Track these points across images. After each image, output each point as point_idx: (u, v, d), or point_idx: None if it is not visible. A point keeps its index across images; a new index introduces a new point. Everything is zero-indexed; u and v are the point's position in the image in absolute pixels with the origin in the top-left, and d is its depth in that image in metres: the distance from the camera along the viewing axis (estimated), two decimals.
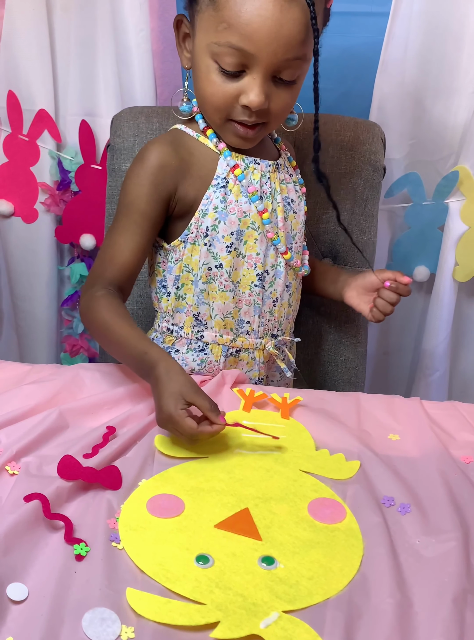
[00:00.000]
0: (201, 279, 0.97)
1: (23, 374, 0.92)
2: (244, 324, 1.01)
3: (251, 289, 0.99)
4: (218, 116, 0.91)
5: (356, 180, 1.18)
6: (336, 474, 0.76)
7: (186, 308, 1.00)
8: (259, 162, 0.97)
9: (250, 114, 0.89)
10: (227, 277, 0.96)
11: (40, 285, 1.52)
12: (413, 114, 1.33)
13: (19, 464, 0.73)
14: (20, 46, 1.34)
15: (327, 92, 0.94)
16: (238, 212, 0.95)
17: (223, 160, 0.95)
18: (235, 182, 0.95)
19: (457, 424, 0.88)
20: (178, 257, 0.97)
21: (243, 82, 0.87)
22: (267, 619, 0.57)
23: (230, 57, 0.85)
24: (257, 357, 1.03)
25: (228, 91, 0.87)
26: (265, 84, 0.86)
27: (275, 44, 0.83)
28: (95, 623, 0.56)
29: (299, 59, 0.86)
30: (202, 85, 0.90)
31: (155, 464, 0.76)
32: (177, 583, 0.60)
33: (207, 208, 0.94)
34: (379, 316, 1.04)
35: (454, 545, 0.66)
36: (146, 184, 0.93)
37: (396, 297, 1.02)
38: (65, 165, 1.42)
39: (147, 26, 1.29)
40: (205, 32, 0.86)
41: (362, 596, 0.61)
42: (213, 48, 0.85)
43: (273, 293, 1.01)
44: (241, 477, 0.74)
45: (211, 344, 1.00)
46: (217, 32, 0.84)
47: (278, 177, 0.99)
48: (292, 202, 1.01)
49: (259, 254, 0.97)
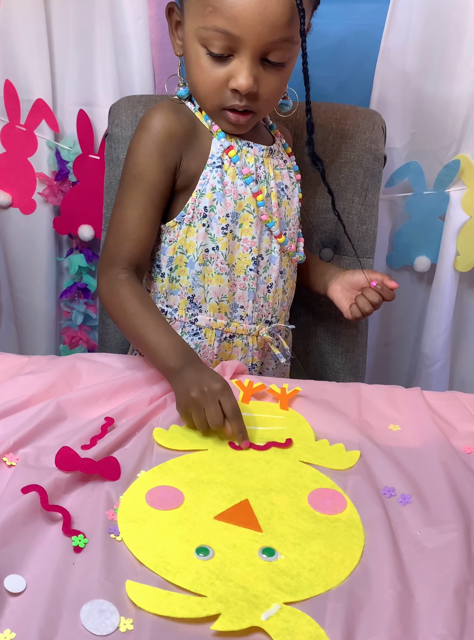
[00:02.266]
0: (197, 260, 0.96)
1: (21, 366, 0.91)
2: (238, 308, 1.00)
3: (246, 272, 0.98)
4: (210, 103, 0.91)
5: (356, 169, 1.17)
6: (336, 464, 0.76)
7: (180, 290, 0.99)
8: (252, 145, 0.97)
9: (240, 98, 0.89)
10: (223, 259, 0.96)
11: (39, 277, 1.51)
12: (414, 102, 1.32)
13: (16, 456, 0.73)
14: (17, 35, 1.32)
15: (327, 81, 0.94)
16: (234, 194, 0.94)
17: (217, 141, 0.95)
18: (229, 163, 0.95)
19: (458, 415, 0.88)
20: (173, 238, 0.97)
21: (231, 66, 0.87)
22: (268, 611, 0.57)
23: (217, 40, 0.85)
24: (251, 343, 1.02)
25: (218, 76, 0.88)
26: (254, 67, 0.86)
27: (260, 26, 0.83)
28: (93, 615, 0.55)
29: (286, 40, 0.86)
30: (192, 72, 0.90)
31: (154, 456, 0.75)
32: (177, 575, 0.60)
33: (205, 188, 0.94)
34: (357, 314, 1.03)
35: (456, 536, 0.66)
36: (155, 155, 0.92)
37: (379, 298, 1.01)
38: (63, 156, 1.41)
39: (145, 14, 1.28)
40: (192, 17, 0.87)
41: (363, 587, 0.60)
42: (201, 33, 0.86)
43: (267, 278, 1.00)
44: (241, 469, 0.74)
45: (205, 328, 1.00)
46: (203, 16, 0.85)
47: (271, 163, 0.99)
48: (286, 188, 1.01)
49: (254, 237, 0.97)
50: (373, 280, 1.02)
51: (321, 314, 1.23)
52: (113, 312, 0.92)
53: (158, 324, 0.88)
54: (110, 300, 0.91)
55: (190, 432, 0.79)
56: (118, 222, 0.94)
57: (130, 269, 0.92)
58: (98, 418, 0.80)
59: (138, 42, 1.29)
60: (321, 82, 0.95)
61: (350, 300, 1.06)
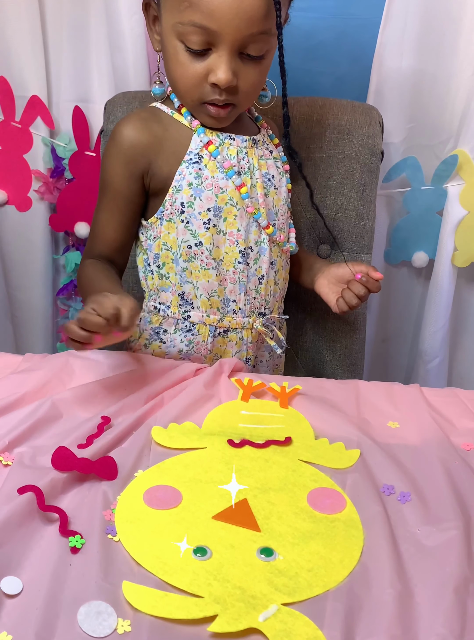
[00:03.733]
0: (181, 257, 0.97)
1: (15, 365, 0.91)
2: (230, 302, 1.00)
3: (235, 266, 0.98)
4: (190, 98, 0.92)
5: (354, 164, 1.17)
6: (335, 463, 0.75)
7: (170, 287, 1.00)
8: (234, 137, 0.96)
9: (220, 92, 0.89)
10: (208, 254, 0.96)
11: (35, 275, 1.50)
12: (411, 97, 1.31)
13: (12, 455, 0.72)
14: (11, 31, 1.32)
15: (324, 76, 0.93)
16: (215, 187, 0.94)
17: (197, 137, 0.95)
18: (210, 158, 0.94)
19: (457, 411, 0.87)
20: (156, 235, 0.98)
21: (210, 61, 0.87)
22: (266, 612, 0.56)
23: (195, 35, 0.85)
24: (245, 336, 1.02)
25: (197, 71, 0.88)
26: (232, 61, 0.87)
27: (237, 19, 0.83)
28: (90, 617, 0.55)
29: (264, 33, 0.86)
30: (171, 67, 0.91)
31: (151, 455, 0.75)
32: (174, 576, 0.59)
33: (180, 184, 0.94)
34: (344, 307, 1.03)
35: (455, 534, 0.65)
36: (118, 163, 0.96)
37: (364, 290, 1.01)
38: (58, 152, 1.40)
39: (140, 10, 1.26)
40: (169, 12, 0.87)
41: (362, 587, 0.60)
42: (178, 28, 0.86)
43: (258, 270, 1.00)
44: (239, 468, 0.73)
45: (198, 324, 1.00)
46: (180, 11, 0.84)
47: (256, 153, 0.98)
48: (273, 177, 1.00)
49: (240, 230, 0.96)
50: (358, 273, 1.02)
51: (319, 310, 1.22)
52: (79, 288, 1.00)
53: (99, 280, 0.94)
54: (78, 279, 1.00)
55: (189, 430, 0.79)
56: (93, 224, 1.01)
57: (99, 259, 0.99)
58: (94, 417, 0.80)
59: (133, 37, 1.28)
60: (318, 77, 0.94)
61: (337, 294, 1.05)
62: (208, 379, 0.88)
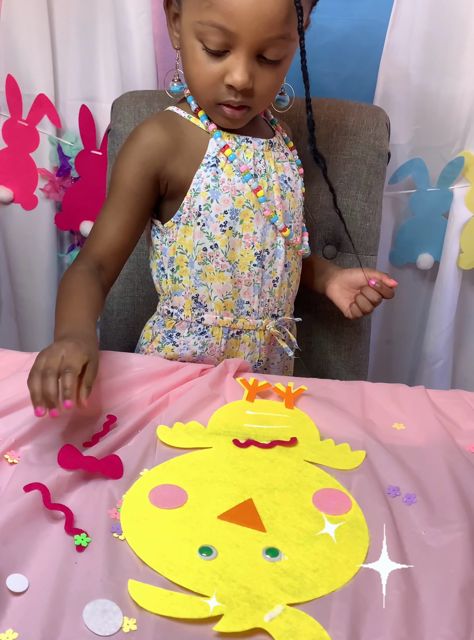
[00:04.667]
0: (196, 259, 0.96)
1: (22, 362, 0.91)
2: (244, 304, 1.00)
3: (251, 268, 0.98)
4: (205, 98, 0.91)
5: (360, 165, 1.17)
6: (341, 464, 0.75)
7: (183, 291, 0.99)
8: (251, 140, 0.96)
9: (235, 94, 0.89)
10: (224, 257, 0.96)
11: (40, 273, 1.50)
12: (417, 98, 1.31)
13: (18, 453, 0.72)
14: (19, 30, 1.32)
15: (331, 76, 0.93)
16: (232, 190, 0.94)
17: (213, 140, 0.95)
18: (226, 161, 0.94)
19: (462, 413, 0.87)
20: (172, 239, 0.97)
21: (227, 62, 0.87)
22: (271, 612, 0.56)
23: (214, 36, 0.85)
24: (258, 338, 1.02)
25: (213, 71, 0.88)
26: (249, 64, 0.86)
27: (256, 22, 0.83)
28: (96, 615, 0.55)
29: (282, 38, 0.86)
30: (188, 66, 0.90)
31: (156, 454, 0.75)
32: (179, 575, 0.59)
33: (199, 187, 0.94)
34: (357, 313, 1.03)
35: (461, 536, 0.65)
36: (133, 162, 0.94)
37: (378, 296, 1.01)
38: (65, 151, 1.40)
39: (148, 8, 1.27)
40: (189, 11, 0.86)
41: (368, 587, 0.60)
42: (197, 27, 0.86)
43: (272, 272, 1.00)
44: (245, 468, 0.73)
45: (212, 326, 1.00)
46: (200, 11, 0.84)
47: (272, 156, 0.98)
48: (289, 180, 1.00)
49: (256, 232, 0.96)
50: (372, 279, 1.02)
51: (324, 312, 1.22)
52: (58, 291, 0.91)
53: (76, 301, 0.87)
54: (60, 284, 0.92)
55: (194, 430, 0.79)
56: (96, 222, 0.97)
57: (92, 265, 0.93)
58: (100, 415, 0.80)
59: (141, 36, 1.28)
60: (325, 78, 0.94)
61: (349, 299, 1.06)
62: (213, 379, 0.88)
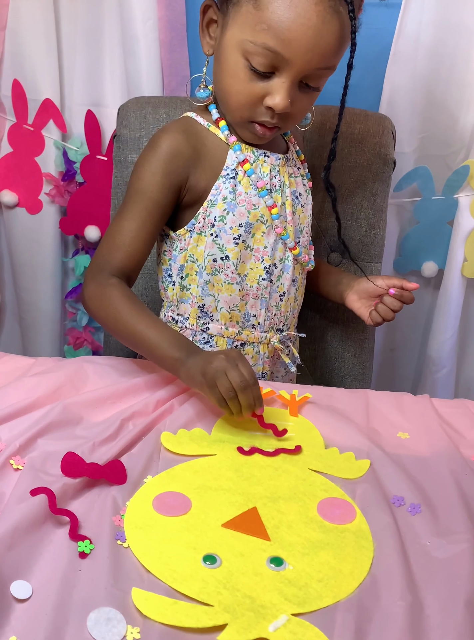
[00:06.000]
0: (205, 270, 0.96)
1: (26, 367, 0.91)
2: (250, 317, 1.00)
3: (259, 282, 0.98)
4: (240, 114, 0.91)
5: (366, 173, 1.17)
6: (346, 473, 0.75)
7: (190, 299, 0.99)
8: (269, 155, 0.96)
9: (272, 116, 0.89)
10: (234, 269, 0.96)
11: (44, 277, 1.50)
12: (423, 107, 1.31)
13: (23, 459, 0.72)
14: (26, 35, 1.32)
15: (337, 84, 0.93)
16: (248, 204, 0.94)
17: (232, 153, 0.94)
18: (244, 174, 0.94)
19: (468, 423, 0.87)
20: (184, 247, 0.97)
21: (270, 84, 0.86)
22: (276, 622, 0.56)
23: (263, 57, 0.84)
24: (262, 351, 1.02)
25: (255, 91, 0.87)
26: (292, 89, 0.87)
27: (311, 53, 0.83)
28: (100, 623, 0.55)
29: (329, 68, 0.87)
30: (228, 81, 0.89)
31: (160, 461, 0.75)
32: (183, 583, 0.59)
33: (216, 198, 0.94)
34: (378, 320, 1.03)
35: (466, 547, 0.65)
36: (159, 172, 0.92)
37: (399, 304, 1.01)
38: (70, 156, 1.40)
39: (154, 15, 1.28)
40: (240, 27, 0.85)
41: (372, 599, 0.60)
42: (247, 45, 0.84)
43: (280, 287, 1.00)
44: (249, 476, 0.73)
45: (216, 336, 0.99)
46: (254, 31, 0.83)
47: (287, 171, 0.98)
48: (300, 195, 1.01)
49: (266, 247, 0.96)
50: (392, 288, 1.01)
51: (329, 319, 1.22)
52: (103, 315, 0.89)
53: (153, 320, 0.87)
54: (100, 304, 0.89)
55: (198, 437, 0.78)
56: (115, 232, 0.93)
57: (121, 277, 0.91)
58: (103, 421, 0.80)
59: (147, 42, 1.29)
60: (331, 86, 0.94)
61: (369, 307, 1.05)
62: None
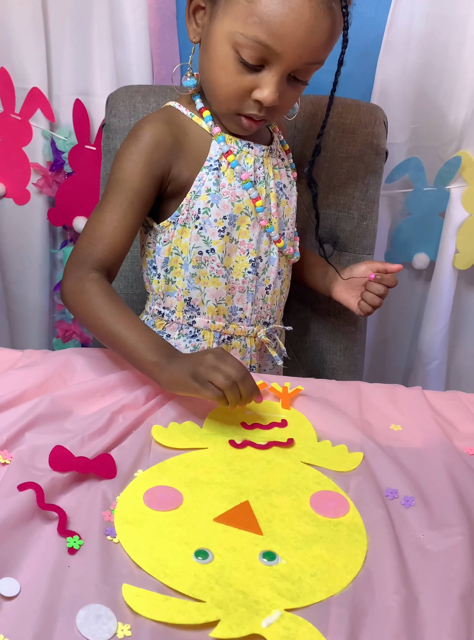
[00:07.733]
0: (191, 262, 0.95)
1: (14, 360, 0.89)
2: (237, 310, 0.99)
3: (245, 275, 0.97)
4: (227, 106, 0.90)
5: (357, 164, 1.16)
6: (339, 466, 0.74)
7: (176, 292, 0.98)
8: (253, 146, 0.95)
9: (260, 109, 0.88)
10: (219, 262, 0.95)
11: (32, 269, 1.49)
12: (415, 97, 1.31)
13: (10, 453, 0.71)
14: (13, 22, 1.30)
15: (330, 74, 0.92)
16: (232, 196, 0.93)
17: (216, 144, 0.93)
18: (228, 166, 0.93)
19: (460, 415, 0.86)
20: (167, 239, 0.95)
21: (259, 77, 0.85)
22: (269, 618, 0.55)
23: (254, 51, 0.83)
24: (249, 344, 1.01)
25: (243, 83, 0.86)
26: (281, 83, 0.86)
27: (302, 48, 0.83)
28: (90, 620, 0.54)
29: (318, 63, 0.87)
30: (216, 73, 0.88)
31: (151, 455, 0.74)
32: (175, 579, 0.58)
33: (199, 190, 0.93)
34: (367, 309, 1.02)
35: (460, 540, 0.64)
36: (141, 162, 0.91)
37: (383, 288, 1.00)
38: (58, 146, 1.39)
39: (143, 3, 1.26)
40: (231, 19, 0.84)
41: (367, 593, 0.59)
42: (237, 37, 0.83)
43: (266, 280, 0.99)
44: (241, 469, 0.72)
45: (203, 329, 0.99)
46: (246, 23, 0.82)
47: (271, 162, 0.97)
48: (284, 187, 1.00)
49: (252, 239, 0.95)
50: (372, 273, 1.01)
51: (320, 311, 1.21)
52: (81, 310, 0.86)
53: (133, 321, 0.84)
54: (79, 299, 0.86)
55: (190, 430, 0.77)
56: (95, 223, 0.91)
57: (101, 271, 0.88)
58: (93, 415, 0.78)
59: (136, 31, 1.27)
60: (324, 76, 0.93)
61: (357, 297, 1.04)
62: None
